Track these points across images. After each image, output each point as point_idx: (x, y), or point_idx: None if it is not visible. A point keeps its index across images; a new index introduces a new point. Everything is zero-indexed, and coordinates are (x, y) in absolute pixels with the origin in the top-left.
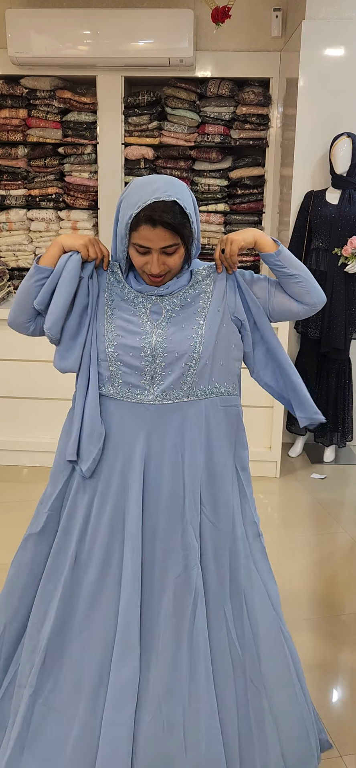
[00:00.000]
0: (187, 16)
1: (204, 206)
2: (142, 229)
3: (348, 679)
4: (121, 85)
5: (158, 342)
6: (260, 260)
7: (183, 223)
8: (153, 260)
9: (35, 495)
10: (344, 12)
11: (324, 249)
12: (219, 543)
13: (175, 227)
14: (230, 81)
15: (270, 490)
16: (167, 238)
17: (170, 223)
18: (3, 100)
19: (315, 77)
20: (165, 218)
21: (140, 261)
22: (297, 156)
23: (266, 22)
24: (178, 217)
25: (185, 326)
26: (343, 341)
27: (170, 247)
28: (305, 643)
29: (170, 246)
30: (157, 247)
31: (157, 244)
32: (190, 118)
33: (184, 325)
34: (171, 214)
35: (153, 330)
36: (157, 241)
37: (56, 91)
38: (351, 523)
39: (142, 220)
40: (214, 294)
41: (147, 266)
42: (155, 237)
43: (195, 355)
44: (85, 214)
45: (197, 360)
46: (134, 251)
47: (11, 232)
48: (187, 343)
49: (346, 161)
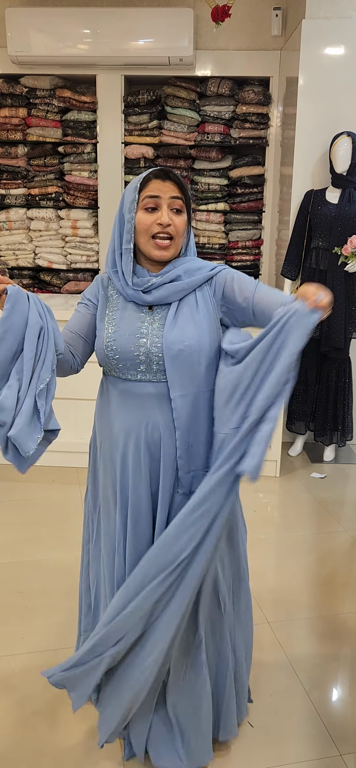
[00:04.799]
0: (187, 15)
1: (204, 205)
2: (152, 182)
3: (348, 678)
4: (121, 84)
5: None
6: (260, 259)
7: (188, 194)
8: (163, 211)
9: (35, 495)
10: (344, 11)
11: (323, 248)
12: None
13: (183, 186)
14: (230, 80)
15: (270, 489)
16: (175, 191)
17: (180, 180)
18: (3, 99)
19: (315, 76)
20: (175, 174)
21: (149, 219)
22: (296, 155)
23: (266, 21)
24: (184, 184)
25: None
26: (343, 340)
27: (177, 200)
28: (305, 642)
29: (177, 199)
30: (167, 196)
31: (167, 193)
32: (190, 117)
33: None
34: (180, 177)
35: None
36: (167, 191)
37: (56, 90)
38: (350, 522)
39: (152, 175)
40: (207, 296)
41: (156, 224)
42: (165, 188)
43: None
44: (85, 213)
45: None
46: (143, 213)
47: (11, 231)
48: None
49: (346, 160)
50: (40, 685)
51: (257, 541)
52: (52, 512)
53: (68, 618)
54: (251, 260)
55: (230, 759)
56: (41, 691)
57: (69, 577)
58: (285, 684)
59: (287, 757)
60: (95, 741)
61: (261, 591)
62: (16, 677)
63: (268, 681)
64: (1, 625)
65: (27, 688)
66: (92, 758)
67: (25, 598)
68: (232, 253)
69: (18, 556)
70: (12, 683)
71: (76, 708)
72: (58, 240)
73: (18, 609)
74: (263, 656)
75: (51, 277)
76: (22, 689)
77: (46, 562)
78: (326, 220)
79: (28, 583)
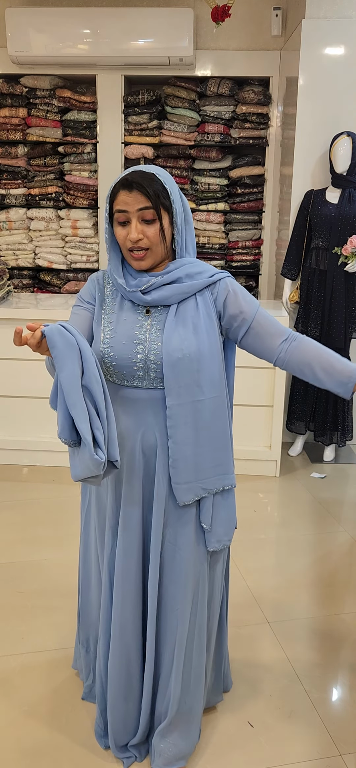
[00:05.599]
0: (187, 15)
1: (204, 205)
2: (120, 195)
3: (348, 678)
4: (121, 84)
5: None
6: (260, 259)
7: (162, 194)
8: (132, 225)
9: (35, 494)
10: (344, 11)
11: (323, 248)
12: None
13: (150, 194)
14: (230, 80)
15: (270, 489)
16: (143, 201)
17: (146, 188)
18: (3, 99)
19: (315, 76)
20: (141, 182)
21: (122, 234)
22: (296, 155)
23: (266, 21)
24: (155, 186)
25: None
26: (343, 340)
27: (147, 210)
28: (305, 642)
29: (147, 209)
30: (134, 210)
31: (133, 206)
32: (190, 117)
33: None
34: (148, 180)
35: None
36: (133, 203)
37: (56, 90)
38: (350, 523)
39: (119, 186)
40: (208, 301)
41: (128, 239)
42: (131, 200)
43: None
44: (85, 213)
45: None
46: (118, 228)
47: (11, 231)
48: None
49: (346, 160)
50: (40, 685)
51: (257, 541)
52: (52, 512)
53: (68, 618)
54: (251, 260)
55: (230, 759)
56: (41, 691)
57: (69, 577)
58: (284, 684)
59: (287, 757)
60: (95, 741)
61: (261, 591)
62: (16, 677)
63: (268, 681)
64: (1, 625)
65: (27, 688)
66: (92, 758)
67: (25, 598)
68: (232, 253)
69: (18, 556)
70: (12, 683)
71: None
72: (58, 240)
73: (18, 609)
74: (264, 656)
75: (51, 277)
76: (22, 689)
77: (46, 562)
78: (326, 220)
79: (28, 583)
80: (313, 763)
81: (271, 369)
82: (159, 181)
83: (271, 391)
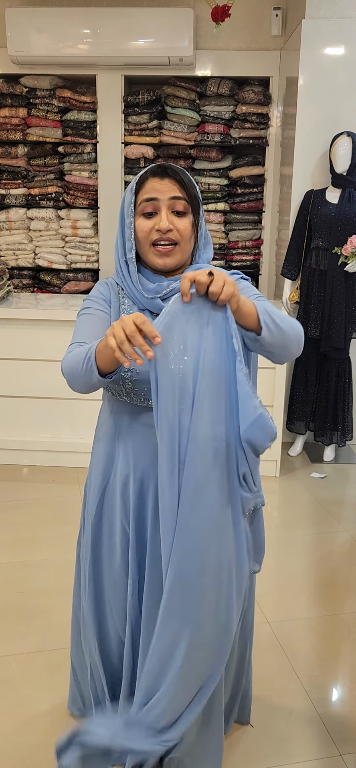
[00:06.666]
0: (187, 14)
1: (204, 205)
2: (149, 182)
3: (348, 678)
4: (121, 84)
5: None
6: (260, 259)
7: (193, 189)
8: (162, 214)
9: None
10: (344, 11)
11: (323, 248)
12: None
13: (184, 183)
14: (230, 80)
15: (270, 489)
16: (175, 190)
17: (180, 176)
18: (3, 99)
19: (315, 76)
20: (175, 169)
21: (147, 226)
22: (296, 155)
23: (266, 20)
24: (188, 178)
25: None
26: (343, 340)
27: (178, 200)
28: (305, 642)
29: (178, 199)
30: (165, 197)
31: (165, 194)
32: (190, 117)
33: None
34: (181, 170)
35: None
36: (165, 190)
37: (56, 90)
38: (350, 522)
39: (150, 173)
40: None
41: (154, 231)
42: (164, 186)
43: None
44: (85, 213)
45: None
46: (141, 219)
47: (11, 231)
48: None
49: (346, 160)
50: (41, 685)
51: None
52: (52, 512)
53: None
54: (251, 260)
55: (230, 759)
56: (41, 691)
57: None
58: (284, 684)
59: (287, 757)
60: None
61: (261, 591)
62: (16, 677)
63: (268, 681)
64: (1, 625)
65: (27, 688)
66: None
67: (25, 598)
68: (232, 253)
69: (18, 556)
70: (12, 683)
71: None
72: (58, 240)
73: (18, 609)
74: (264, 656)
75: (51, 277)
76: (22, 689)
77: (46, 562)
78: (326, 220)
79: (28, 583)
80: (313, 763)
81: (271, 368)
82: (190, 177)
83: (271, 390)
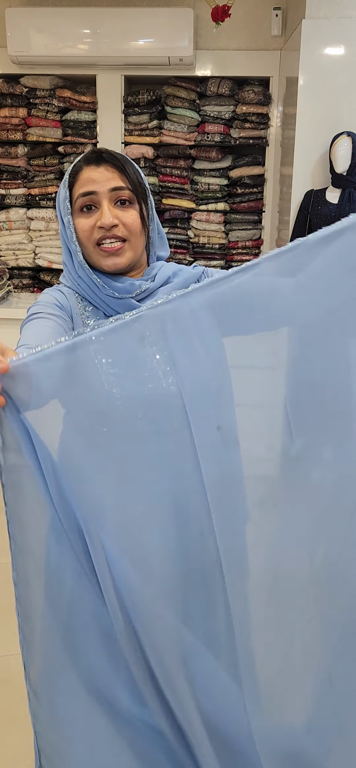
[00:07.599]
0: (187, 15)
1: (204, 205)
2: (84, 172)
3: None
4: (121, 84)
5: None
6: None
7: (137, 175)
8: (103, 208)
9: None
10: (344, 11)
11: None
12: None
13: (125, 170)
14: (230, 80)
15: None
16: (116, 178)
17: (120, 162)
18: (3, 99)
19: (315, 76)
20: (113, 154)
21: (87, 225)
22: (296, 155)
23: (266, 20)
24: (129, 164)
25: None
26: None
27: (121, 190)
28: None
29: (120, 189)
30: (104, 189)
31: (104, 184)
32: (190, 117)
33: None
34: (120, 156)
35: None
36: (103, 180)
37: (56, 90)
38: None
39: (83, 162)
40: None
41: (97, 228)
42: (101, 176)
43: None
44: None
45: None
46: (81, 218)
47: (11, 231)
48: None
49: (346, 160)
50: None
51: None
52: None
53: None
54: (251, 260)
55: None
56: None
57: None
58: None
59: None
60: None
61: None
62: (16, 677)
63: None
64: (1, 625)
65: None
66: None
67: None
68: (232, 253)
69: None
70: (12, 683)
71: None
72: (58, 240)
73: None
74: None
75: (51, 277)
76: (22, 689)
77: None
78: (326, 220)
79: None
80: None
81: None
82: (132, 162)
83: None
